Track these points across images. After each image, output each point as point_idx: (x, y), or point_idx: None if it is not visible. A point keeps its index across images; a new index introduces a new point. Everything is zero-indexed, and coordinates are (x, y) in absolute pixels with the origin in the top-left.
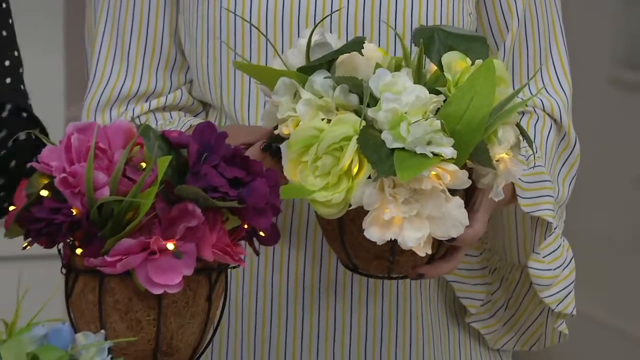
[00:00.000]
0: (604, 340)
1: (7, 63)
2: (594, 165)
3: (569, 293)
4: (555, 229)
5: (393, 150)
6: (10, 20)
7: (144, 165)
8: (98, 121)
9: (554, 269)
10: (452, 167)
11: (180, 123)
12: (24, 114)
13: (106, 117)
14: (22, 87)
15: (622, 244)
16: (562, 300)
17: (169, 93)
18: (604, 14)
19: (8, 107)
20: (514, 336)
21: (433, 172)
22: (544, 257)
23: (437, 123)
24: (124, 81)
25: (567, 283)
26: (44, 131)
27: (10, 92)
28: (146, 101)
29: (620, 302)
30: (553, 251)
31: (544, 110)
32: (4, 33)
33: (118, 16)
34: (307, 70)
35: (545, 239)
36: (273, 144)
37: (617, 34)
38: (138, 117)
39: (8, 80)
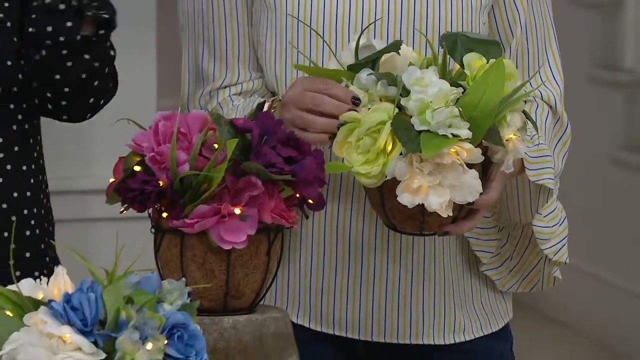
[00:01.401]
0: (575, 282)
1: None
2: (577, 147)
3: (563, 246)
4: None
5: (420, 132)
6: None
7: (216, 146)
8: (201, 103)
9: (552, 226)
10: (468, 145)
11: (248, 103)
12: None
13: (212, 99)
14: None
15: (598, 208)
16: (558, 251)
17: (256, 80)
18: (584, 23)
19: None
20: (517, 280)
21: (452, 150)
22: (544, 217)
23: (456, 110)
24: (225, 76)
25: (562, 237)
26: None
27: None
28: (240, 86)
29: (595, 253)
30: (551, 212)
31: (542, 99)
32: None
33: (213, 33)
34: (355, 68)
35: (547, 202)
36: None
37: (594, 40)
38: (230, 96)
39: None
